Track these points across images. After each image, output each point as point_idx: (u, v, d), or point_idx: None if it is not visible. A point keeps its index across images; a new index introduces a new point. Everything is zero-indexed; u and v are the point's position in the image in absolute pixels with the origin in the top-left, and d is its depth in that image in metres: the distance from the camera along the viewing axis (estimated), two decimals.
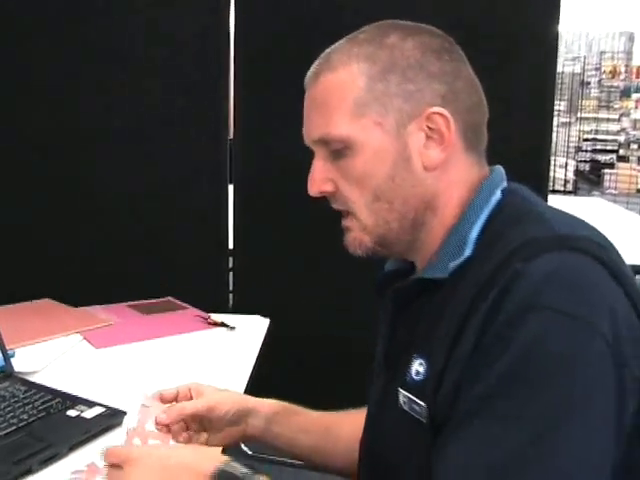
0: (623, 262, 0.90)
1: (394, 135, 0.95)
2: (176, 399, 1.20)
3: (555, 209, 0.97)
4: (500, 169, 1.02)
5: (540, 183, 2.19)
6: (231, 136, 2.36)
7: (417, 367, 0.93)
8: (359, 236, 0.99)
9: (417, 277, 0.99)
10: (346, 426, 1.24)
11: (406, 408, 0.94)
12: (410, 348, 0.96)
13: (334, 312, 2.29)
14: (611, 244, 0.92)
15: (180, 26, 2.22)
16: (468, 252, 0.92)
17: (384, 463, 1.02)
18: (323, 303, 2.30)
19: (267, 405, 1.24)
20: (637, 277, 3.97)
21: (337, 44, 1.01)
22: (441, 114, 0.94)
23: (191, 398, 1.20)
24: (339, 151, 0.97)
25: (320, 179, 1.00)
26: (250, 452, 2.93)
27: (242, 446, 2.99)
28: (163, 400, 1.19)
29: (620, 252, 0.92)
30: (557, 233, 0.87)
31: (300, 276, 2.32)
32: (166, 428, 1.15)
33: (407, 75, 0.95)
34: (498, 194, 0.97)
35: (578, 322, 0.79)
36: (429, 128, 0.95)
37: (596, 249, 0.86)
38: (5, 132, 2.24)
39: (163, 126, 2.25)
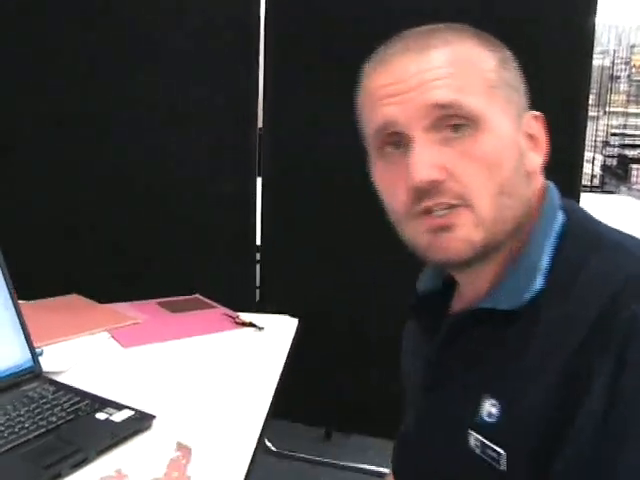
0: None
1: (516, 126, 0.89)
2: None
3: (617, 230, 0.92)
4: (550, 183, 0.96)
5: (573, 179, 2.16)
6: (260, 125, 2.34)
7: (489, 408, 0.87)
8: (470, 234, 0.86)
9: (480, 307, 0.91)
10: None
11: (478, 452, 0.88)
12: (470, 383, 0.91)
13: (363, 308, 2.27)
14: None
15: (210, 14, 2.20)
16: (540, 283, 0.86)
17: None
18: (352, 299, 2.28)
19: None
20: None
21: (433, 26, 0.91)
22: (539, 118, 0.92)
23: None
24: (460, 127, 0.85)
25: (432, 164, 0.84)
26: (274, 448, 2.93)
27: (266, 442, 2.99)
28: None
29: None
30: None
31: (328, 272, 2.30)
32: None
33: (518, 73, 0.92)
34: (561, 216, 0.92)
35: None
36: (528, 131, 0.91)
37: None
38: (44, 122, 2.24)
39: (192, 117, 2.24)
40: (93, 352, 1.67)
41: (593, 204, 4.24)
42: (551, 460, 0.79)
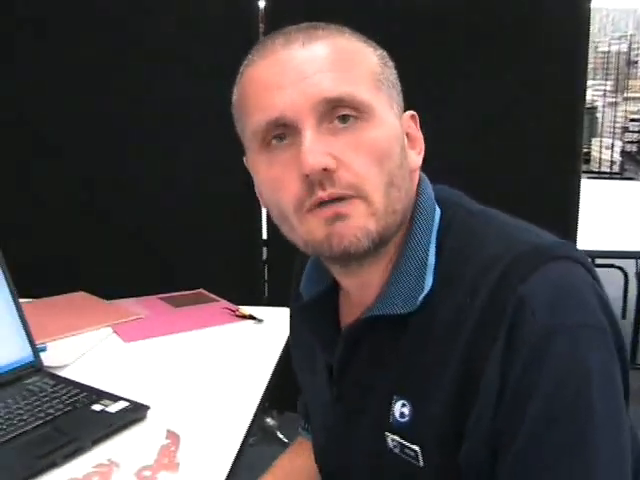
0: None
1: (399, 122, 0.89)
2: None
3: (499, 216, 0.92)
4: (423, 176, 0.95)
5: (574, 163, 2.17)
6: None
7: (400, 409, 0.89)
8: (365, 223, 0.83)
9: (373, 315, 0.90)
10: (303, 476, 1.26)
11: (397, 451, 0.90)
12: (378, 390, 0.91)
13: None
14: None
15: (210, 12, 2.23)
16: (430, 281, 0.86)
17: None
18: None
19: None
20: None
21: (309, 25, 0.88)
22: (415, 118, 0.93)
23: None
24: (348, 118, 0.83)
25: (323, 152, 0.81)
26: (286, 440, 2.97)
27: (278, 434, 3.03)
28: None
29: None
30: (534, 245, 0.84)
31: None
32: None
33: (394, 72, 0.91)
34: (438, 210, 0.92)
35: (597, 330, 0.78)
36: (406, 131, 0.91)
37: (571, 251, 0.84)
38: (40, 123, 2.29)
39: (194, 116, 2.27)
40: (95, 347, 1.72)
41: (610, 193, 4.24)
42: (459, 450, 0.82)
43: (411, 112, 0.92)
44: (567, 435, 0.75)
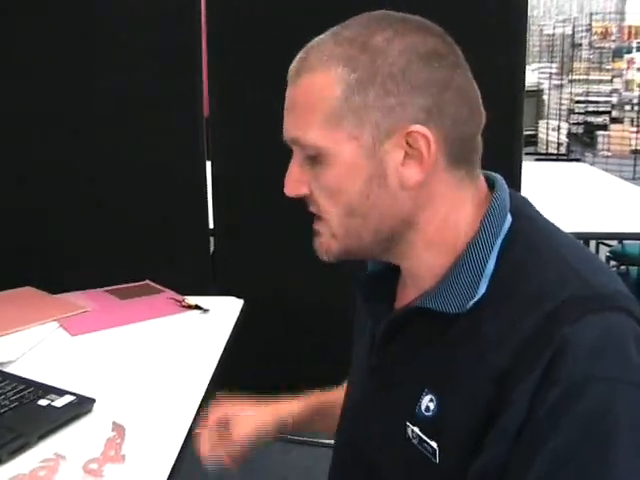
0: None
1: (369, 151, 0.89)
2: None
3: (564, 235, 0.94)
4: (502, 182, 0.97)
5: (515, 147, 2.22)
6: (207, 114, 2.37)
7: (427, 403, 0.91)
8: (327, 242, 0.95)
9: (423, 306, 0.92)
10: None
11: (415, 442, 0.92)
12: (412, 378, 0.94)
13: (321, 288, 2.31)
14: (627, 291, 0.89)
15: (152, 5, 2.23)
16: (484, 289, 0.88)
17: (375, 467, 1.01)
18: (308, 281, 2.33)
19: (292, 410, 1.25)
20: (615, 243, 4.01)
21: (321, 38, 0.93)
22: (422, 134, 0.87)
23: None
24: (313, 157, 0.91)
25: (295, 181, 0.95)
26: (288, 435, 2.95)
27: None
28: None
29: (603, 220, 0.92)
30: (595, 290, 0.84)
31: (282, 252, 2.34)
32: None
33: (387, 87, 0.87)
34: (509, 219, 0.92)
35: (634, 387, 0.79)
36: (409, 145, 0.88)
37: (630, 304, 0.85)
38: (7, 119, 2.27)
39: (137, 107, 2.27)
40: (42, 341, 1.73)
41: (553, 173, 4.32)
42: (473, 460, 0.84)
43: (414, 128, 0.87)
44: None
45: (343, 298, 1.27)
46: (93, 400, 1.38)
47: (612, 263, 4.09)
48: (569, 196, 3.59)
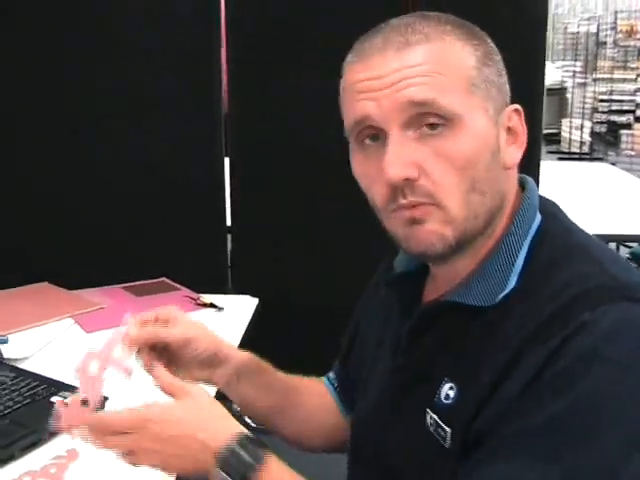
0: None
1: (493, 123, 0.90)
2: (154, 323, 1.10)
3: (594, 239, 0.95)
4: (533, 183, 0.98)
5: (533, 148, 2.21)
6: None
7: (447, 391, 0.91)
8: (440, 229, 0.88)
9: (452, 300, 0.94)
10: (306, 395, 1.26)
11: (432, 430, 0.92)
12: (435, 368, 0.95)
13: (334, 287, 2.31)
14: None
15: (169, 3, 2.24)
16: (513, 282, 0.90)
17: (393, 470, 1.01)
18: (324, 279, 2.33)
19: (239, 355, 1.17)
20: (635, 245, 3.97)
21: (406, 19, 0.91)
22: (519, 111, 0.93)
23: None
24: (436, 126, 0.86)
25: (406, 162, 0.86)
26: (254, 424, 3.00)
27: (246, 418, 3.06)
28: (141, 324, 1.09)
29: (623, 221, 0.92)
30: (619, 282, 0.86)
31: (299, 252, 2.34)
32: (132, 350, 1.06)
33: (499, 67, 0.92)
34: (539, 218, 0.94)
35: (633, 371, 0.80)
36: (508, 126, 0.92)
37: None
38: (15, 117, 2.28)
39: (156, 103, 2.27)
40: (57, 338, 1.74)
41: (573, 173, 4.28)
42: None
43: (515, 106, 0.93)
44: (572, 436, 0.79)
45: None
46: (106, 397, 1.39)
47: (632, 265, 4.04)
48: (589, 197, 3.56)
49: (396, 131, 0.87)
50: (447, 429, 0.90)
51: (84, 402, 0.95)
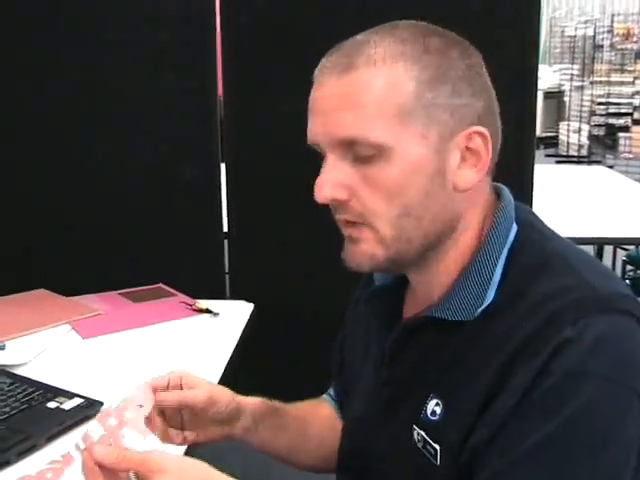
0: None
1: (435, 149, 0.88)
2: (167, 389, 1.05)
3: (572, 246, 0.95)
4: (507, 192, 0.98)
5: (527, 151, 2.21)
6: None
7: (433, 407, 0.92)
8: (372, 249, 0.90)
9: (433, 315, 0.94)
10: (315, 425, 1.25)
11: (420, 446, 0.93)
12: (420, 384, 0.95)
13: (334, 292, 2.30)
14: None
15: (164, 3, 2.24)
16: (491, 296, 0.90)
17: None
18: (324, 286, 2.33)
19: (252, 402, 1.15)
20: (632, 248, 3.98)
21: (369, 36, 0.90)
22: (482, 134, 0.89)
23: (182, 389, 1.06)
24: (368, 157, 0.87)
25: (335, 184, 0.89)
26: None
27: None
28: (154, 388, 1.03)
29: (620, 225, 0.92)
30: (598, 293, 0.85)
31: (298, 258, 2.35)
32: (149, 420, 1.01)
33: (456, 87, 0.88)
34: (515, 228, 0.94)
35: (624, 389, 0.81)
36: (466, 147, 0.89)
37: (633, 307, 0.86)
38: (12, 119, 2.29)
39: (151, 108, 2.28)
40: (53, 344, 1.75)
41: (571, 177, 4.30)
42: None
43: (476, 128, 0.89)
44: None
45: None
46: (101, 403, 1.40)
47: (628, 267, 4.06)
48: (586, 200, 3.57)
49: (331, 155, 0.89)
50: (436, 446, 0.90)
51: None
